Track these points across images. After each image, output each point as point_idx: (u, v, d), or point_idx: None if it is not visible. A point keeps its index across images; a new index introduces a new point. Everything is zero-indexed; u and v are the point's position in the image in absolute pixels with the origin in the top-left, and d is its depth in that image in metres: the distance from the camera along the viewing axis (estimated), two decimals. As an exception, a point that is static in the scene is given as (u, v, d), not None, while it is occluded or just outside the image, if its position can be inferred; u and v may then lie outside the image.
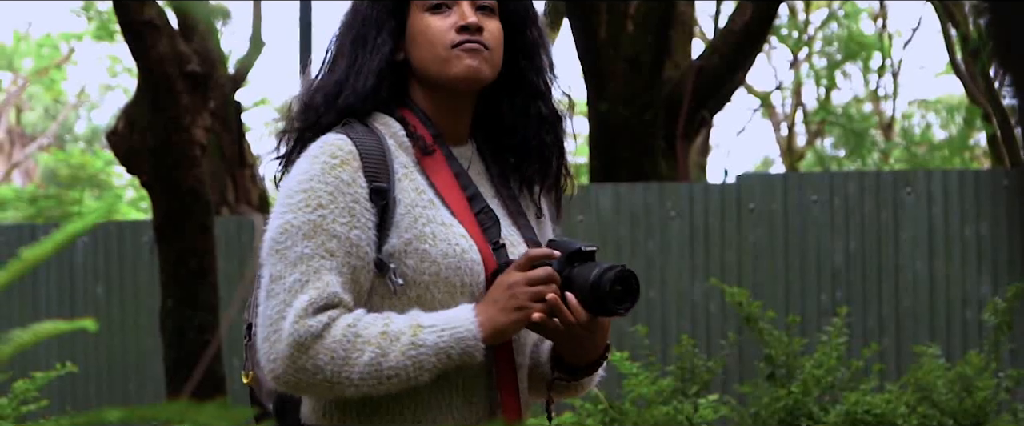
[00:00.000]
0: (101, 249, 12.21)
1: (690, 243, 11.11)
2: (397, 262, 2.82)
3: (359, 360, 2.74)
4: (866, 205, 10.98)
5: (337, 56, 2.97)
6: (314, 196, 2.79)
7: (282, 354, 2.75)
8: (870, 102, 29.60)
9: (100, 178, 27.10)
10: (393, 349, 2.75)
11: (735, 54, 13.27)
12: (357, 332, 2.75)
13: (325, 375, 2.74)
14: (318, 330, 2.74)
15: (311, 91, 2.96)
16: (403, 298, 2.83)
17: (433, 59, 2.94)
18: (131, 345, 12.02)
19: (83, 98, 32.71)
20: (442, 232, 2.85)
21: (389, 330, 2.76)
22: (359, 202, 2.81)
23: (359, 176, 2.82)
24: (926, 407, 8.93)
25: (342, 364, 2.74)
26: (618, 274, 2.84)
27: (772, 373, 9.12)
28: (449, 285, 2.84)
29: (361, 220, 2.81)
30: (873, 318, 10.91)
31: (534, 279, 2.83)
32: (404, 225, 2.84)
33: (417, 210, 2.86)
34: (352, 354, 2.74)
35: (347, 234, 2.79)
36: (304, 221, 2.78)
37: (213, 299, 9.38)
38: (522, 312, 2.82)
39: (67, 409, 11.47)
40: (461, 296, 2.85)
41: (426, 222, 2.85)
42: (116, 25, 9.88)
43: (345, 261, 2.79)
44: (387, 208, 2.83)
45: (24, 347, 1.85)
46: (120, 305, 12.16)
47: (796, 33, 26.76)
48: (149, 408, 1.60)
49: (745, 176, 11.44)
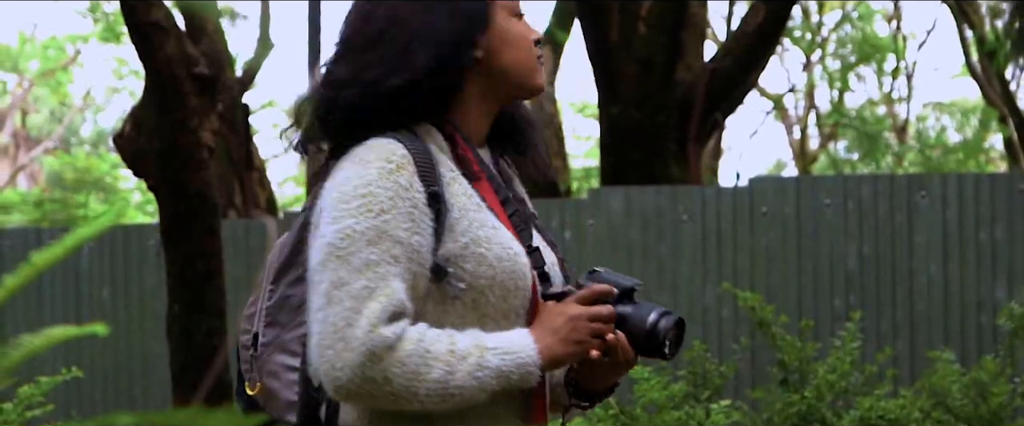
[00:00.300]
0: (107, 253, 12.22)
1: (702, 247, 11.07)
2: (455, 267, 2.79)
3: (428, 376, 2.71)
4: (880, 209, 10.93)
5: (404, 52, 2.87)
6: (375, 201, 2.74)
7: (351, 362, 2.68)
8: (884, 105, 29.56)
9: (106, 181, 27.13)
10: (460, 369, 2.72)
11: (748, 56, 13.22)
12: (427, 348, 2.72)
13: (393, 388, 2.70)
14: (392, 341, 2.69)
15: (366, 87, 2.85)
16: (457, 303, 2.81)
17: (524, 63, 2.94)
18: (137, 349, 12.02)
19: (89, 101, 32.71)
20: (495, 236, 2.83)
21: (456, 349, 2.73)
22: (418, 207, 2.76)
23: (416, 180, 2.78)
24: (940, 413, 8.93)
25: (412, 378, 2.70)
26: (675, 322, 2.90)
27: (785, 378, 9.11)
28: (504, 289, 2.82)
29: (421, 225, 2.76)
30: (887, 323, 10.86)
31: (596, 316, 2.83)
32: (459, 229, 2.80)
33: (470, 214, 2.83)
34: (422, 369, 2.70)
35: (409, 240, 2.75)
36: (368, 226, 2.73)
37: (220, 303, 9.35)
38: (581, 347, 2.83)
39: (73, 414, 11.47)
40: (513, 299, 2.84)
41: (479, 226, 2.83)
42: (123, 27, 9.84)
43: (408, 267, 2.74)
44: (442, 212, 2.79)
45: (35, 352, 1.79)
46: (126, 309, 12.16)
47: (809, 35, 26.75)
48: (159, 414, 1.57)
49: (758, 179, 11.42)
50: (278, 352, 3.00)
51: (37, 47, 29.70)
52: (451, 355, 2.72)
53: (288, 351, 2.99)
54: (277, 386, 2.97)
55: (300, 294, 2.94)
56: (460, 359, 2.72)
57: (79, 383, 10.47)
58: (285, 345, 3.00)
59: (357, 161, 2.79)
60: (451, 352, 2.72)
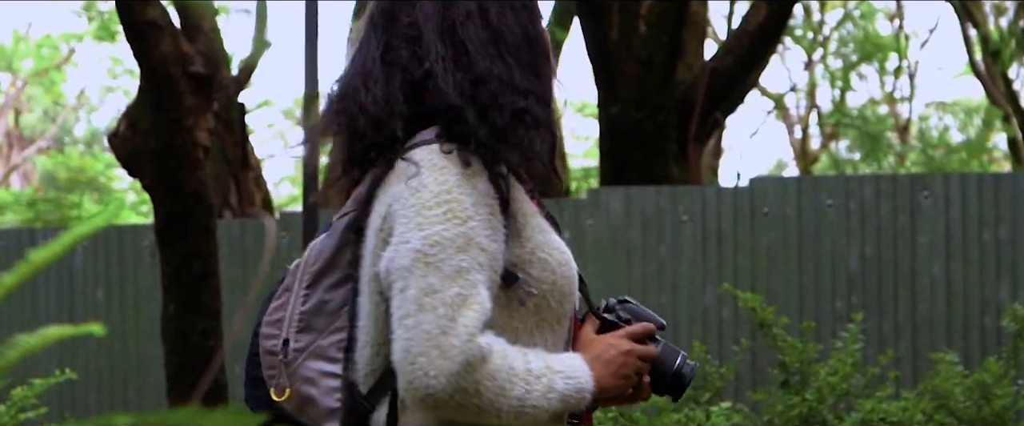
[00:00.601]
0: (101, 253, 12.18)
1: (702, 248, 11.04)
2: (523, 272, 2.82)
3: (512, 393, 2.73)
4: (882, 209, 10.91)
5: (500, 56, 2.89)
6: (460, 207, 2.74)
7: (447, 371, 2.67)
8: (886, 104, 29.53)
9: (100, 181, 27.12)
10: (536, 389, 2.75)
11: (749, 55, 13.19)
12: (511, 364, 2.74)
13: (481, 400, 2.71)
14: (487, 352, 2.70)
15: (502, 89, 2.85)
16: (521, 308, 2.84)
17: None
18: (132, 351, 12.00)
19: (83, 100, 32.71)
20: (553, 241, 2.88)
21: (532, 368, 2.76)
22: (495, 214, 2.78)
23: (490, 186, 2.78)
24: (943, 415, 8.88)
25: (499, 393, 2.71)
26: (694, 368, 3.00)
27: (786, 380, 9.06)
28: (561, 294, 2.86)
29: (498, 232, 2.78)
30: (889, 324, 10.84)
31: (644, 356, 2.93)
32: (525, 234, 2.83)
33: (531, 220, 2.86)
34: (507, 385, 2.72)
35: (490, 247, 2.76)
36: (456, 233, 2.72)
37: (216, 303, 9.36)
38: (626, 382, 2.91)
39: (67, 416, 11.43)
40: (567, 304, 2.89)
41: (540, 231, 2.87)
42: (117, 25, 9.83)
43: (491, 275, 2.76)
44: (510, 218, 2.81)
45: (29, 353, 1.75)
46: (120, 310, 12.12)
47: (811, 34, 26.73)
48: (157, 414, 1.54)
49: (758, 179, 11.40)
50: (314, 358, 2.95)
51: (31, 46, 29.63)
52: (528, 374, 2.74)
53: (325, 357, 2.94)
54: (315, 393, 2.93)
55: (338, 298, 2.94)
56: (536, 379, 2.75)
57: (73, 385, 10.45)
58: (322, 351, 2.95)
59: (432, 167, 2.78)
60: (528, 371, 2.75)
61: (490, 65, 2.84)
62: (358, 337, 2.88)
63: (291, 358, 2.92)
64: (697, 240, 11.05)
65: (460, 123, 2.81)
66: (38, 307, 12.17)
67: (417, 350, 2.68)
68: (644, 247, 11.04)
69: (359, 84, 2.90)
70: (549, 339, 2.86)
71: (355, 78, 2.92)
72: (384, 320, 2.79)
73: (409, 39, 2.88)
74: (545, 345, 2.85)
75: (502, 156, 2.80)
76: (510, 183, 2.81)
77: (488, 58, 2.85)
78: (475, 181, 2.76)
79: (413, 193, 2.76)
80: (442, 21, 2.87)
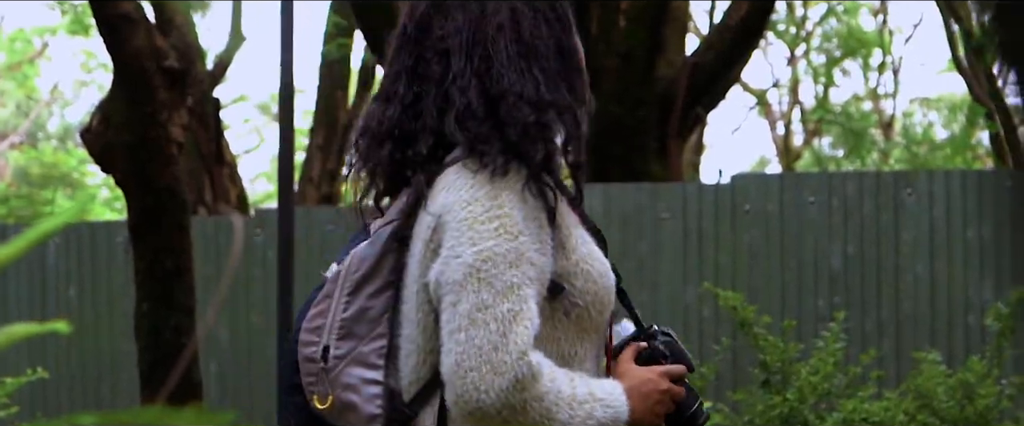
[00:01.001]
0: (74, 250, 12.16)
1: (683, 245, 11.02)
2: (568, 283, 2.88)
3: (556, 417, 2.79)
4: (865, 206, 10.91)
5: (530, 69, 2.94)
6: (511, 222, 2.81)
7: (499, 387, 2.74)
8: (870, 100, 29.56)
9: (73, 177, 27.08)
10: (578, 415, 2.81)
11: (731, 50, 13.13)
12: (558, 388, 2.80)
13: (527, 419, 2.78)
14: (537, 371, 2.77)
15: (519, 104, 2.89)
16: (564, 319, 2.91)
17: None
18: (105, 349, 11.98)
19: (56, 94, 32.57)
20: (594, 252, 2.94)
21: (576, 394, 2.82)
22: (543, 227, 2.84)
23: (539, 199, 2.85)
24: (926, 415, 8.88)
25: (544, 415, 2.78)
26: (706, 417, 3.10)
27: (767, 380, 9.06)
28: (602, 305, 2.93)
29: (545, 245, 2.84)
30: (871, 323, 10.84)
31: (676, 397, 3.00)
32: (570, 246, 2.89)
33: (574, 230, 2.92)
34: (552, 409, 2.79)
35: (539, 261, 2.82)
36: (508, 249, 2.79)
37: (189, 300, 9.40)
38: (657, 420, 2.97)
39: (38, 416, 11.43)
40: (606, 315, 2.95)
41: (583, 242, 2.92)
42: (91, 19, 9.80)
43: (539, 289, 2.82)
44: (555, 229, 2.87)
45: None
46: (93, 308, 12.09)
47: (794, 29, 26.73)
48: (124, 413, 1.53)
49: (740, 176, 11.39)
50: (355, 365, 2.96)
51: (3, 39, 29.48)
52: (573, 399, 2.81)
53: (366, 364, 2.96)
54: (356, 400, 2.94)
55: (379, 305, 2.96)
56: (579, 405, 2.81)
57: (45, 384, 10.42)
58: (363, 358, 2.96)
59: (480, 180, 2.84)
60: (573, 396, 2.81)
61: (515, 79, 2.89)
62: (401, 345, 2.93)
63: (331, 365, 2.94)
64: (678, 238, 11.03)
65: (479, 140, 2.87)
66: (10, 305, 12.13)
67: (468, 364, 2.74)
68: (624, 244, 10.99)
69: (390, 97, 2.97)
70: (588, 349, 2.94)
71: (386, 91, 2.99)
72: (433, 329, 2.85)
73: (441, 53, 2.93)
74: (583, 354, 2.92)
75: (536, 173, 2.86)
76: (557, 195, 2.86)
77: (516, 72, 2.89)
78: (525, 194, 2.82)
79: (464, 207, 2.82)
80: (474, 35, 2.93)
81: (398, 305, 2.93)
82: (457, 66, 2.90)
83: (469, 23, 2.93)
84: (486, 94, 2.88)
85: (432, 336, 2.85)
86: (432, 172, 2.90)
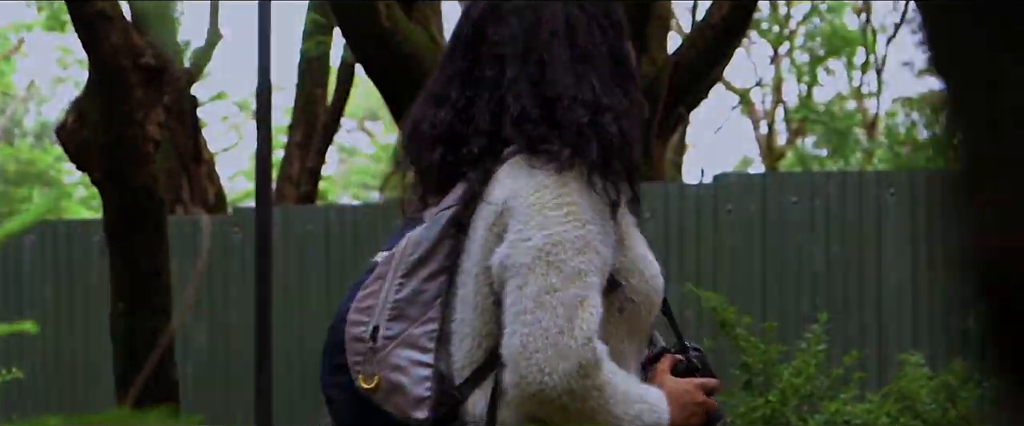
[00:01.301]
0: (49, 249, 12.10)
1: (665, 245, 10.99)
2: (624, 280, 2.94)
3: (612, 410, 2.84)
4: (848, 207, 10.88)
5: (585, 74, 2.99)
6: (581, 211, 2.85)
7: (563, 370, 2.77)
8: (853, 99, 29.59)
9: (49, 175, 27.05)
10: (629, 412, 2.86)
11: (713, 49, 13.11)
12: (618, 382, 2.85)
13: (584, 407, 2.81)
14: (601, 359, 2.81)
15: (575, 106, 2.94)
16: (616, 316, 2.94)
17: None
18: (80, 349, 11.94)
19: (33, 91, 32.52)
20: (649, 255, 3.02)
21: (630, 393, 2.87)
22: (607, 219, 2.88)
23: (603, 194, 2.88)
24: (909, 417, 8.86)
25: (602, 405, 2.82)
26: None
27: (749, 381, 9.04)
28: (651, 305, 3.00)
29: (610, 237, 2.89)
30: (854, 325, 10.81)
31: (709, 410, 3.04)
32: (627, 243, 2.95)
33: (631, 229, 2.98)
34: (610, 401, 2.83)
35: (604, 251, 2.87)
36: (576, 236, 2.83)
37: (166, 301, 9.28)
38: None
39: (12, 417, 11.41)
40: (652, 316, 3.04)
41: (639, 241, 3.00)
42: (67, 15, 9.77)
43: (602, 280, 2.86)
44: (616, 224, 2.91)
45: None
46: (69, 308, 12.03)
47: (777, 27, 26.74)
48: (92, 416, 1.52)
49: (723, 176, 11.34)
50: (404, 347, 2.97)
51: (-22, 36, 29.44)
52: (627, 396, 2.85)
53: (417, 346, 2.96)
54: (405, 381, 2.94)
55: (433, 289, 2.97)
56: (631, 404, 2.86)
57: (20, 385, 10.41)
58: (414, 340, 2.97)
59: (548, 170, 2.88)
60: (627, 393, 2.86)
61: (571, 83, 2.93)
62: (455, 330, 2.95)
63: (380, 345, 2.95)
64: (659, 238, 10.97)
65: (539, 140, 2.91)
66: (-17, 303, 12.05)
67: (534, 347, 2.77)
68: (605, 244, 10.97)
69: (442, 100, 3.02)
70: (633, 350, 3.00)
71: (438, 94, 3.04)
72: (491, 313, 2.88)
73: (495, 58, 2.98)
74: (629, 354, 2.97)
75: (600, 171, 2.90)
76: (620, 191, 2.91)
77: (572, 76, 2.94)
78: (592, 184, 2.86)
79: (533, 192, 2.86)
80: (529, 41, 2.97)
81: (452, 290, 2.95)
82: (512, 72, 2.95)
83: (524, 29, 2.98)
84: (542, 98, 2.92)
85: (489, 320, 2.88)
86: (488, 168, 2.94)
